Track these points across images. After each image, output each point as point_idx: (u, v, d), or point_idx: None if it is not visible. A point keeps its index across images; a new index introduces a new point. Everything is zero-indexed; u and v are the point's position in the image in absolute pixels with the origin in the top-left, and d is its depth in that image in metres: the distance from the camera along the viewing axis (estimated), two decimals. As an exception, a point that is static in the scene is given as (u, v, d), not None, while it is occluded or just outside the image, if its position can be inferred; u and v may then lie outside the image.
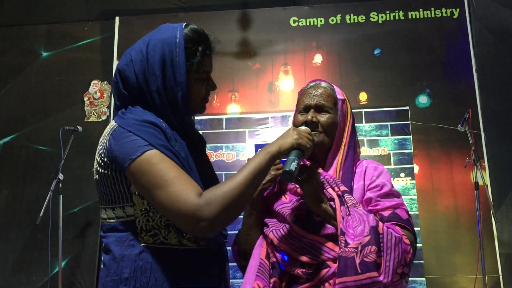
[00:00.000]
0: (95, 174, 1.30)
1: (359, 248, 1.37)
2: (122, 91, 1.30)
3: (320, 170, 1.58)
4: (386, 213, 1.51)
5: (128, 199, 1.23)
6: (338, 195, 1.49)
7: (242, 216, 1.63)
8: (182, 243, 1.24)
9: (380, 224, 1.43)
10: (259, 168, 1.21)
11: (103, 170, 1.25)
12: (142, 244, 1.22)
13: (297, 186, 1.55)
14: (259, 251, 1.55)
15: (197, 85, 1.33)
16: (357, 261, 1.35)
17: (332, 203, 1.49)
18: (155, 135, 1.20)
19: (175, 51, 1.27)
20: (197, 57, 1.30)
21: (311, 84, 1.71)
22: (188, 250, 1.24)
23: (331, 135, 1.61)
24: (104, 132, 1.29)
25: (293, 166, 1.28)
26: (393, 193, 1.57)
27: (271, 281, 1.47)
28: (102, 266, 1.27)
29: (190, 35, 1.31)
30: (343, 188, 1.52)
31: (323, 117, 1.61)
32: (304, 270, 1.47)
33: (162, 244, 1.22)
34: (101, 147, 1.27)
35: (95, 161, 1.29)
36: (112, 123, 1.28)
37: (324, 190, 1.53)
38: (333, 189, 1.52)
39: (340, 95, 1.67)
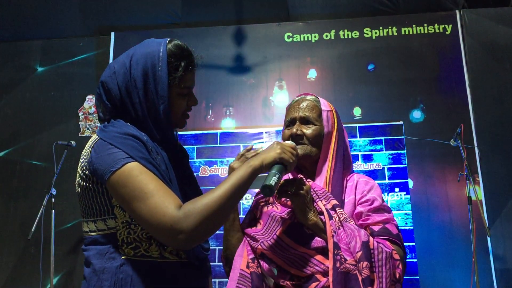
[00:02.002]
0: (77, 187, 1.30)
1: (357, 264, 1.38)
2: (105, 103, 1.31)
3: (311, 183, 1.58)
4: (376, 228, 1.52)
5: (109, 212, 1.23)
6: (327, 209, 1.48)
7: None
8: (163, 255, 1.23)
9: (371, 239, 1.43)
10: (241, 181, 1.21)
11: (84, 183, 1.25)
12: (123, 257, 1.21)
13: (288, 199, 1.55)
14: (239, 261, 1.54)
15: (178, 100, 1.34)
16: (360, 277, 1.37)
17: (322, 217, 1.49)
18: (136, 148, 1.20)
19: (158, 65, 1.28)
20: (179, 72, 1.31)
21: (297, 98, 1.73)
22: (169, 263, 1.24)
23: (318, 146, 1.62)
24: (86, 145, 1.30)
25: (273, 180, 1.27)
26: (383, 208, 1.57)
27: None
28: (82, 279, 1.26)
29: (173, 50, 1.32)
30: (334, 202, 1.52)
31: (308, 130, 1.62)
32: (293, 282, 1.47)
33: (143, 256, 1.22)
34: (83, 160, 1.28)
35: (77, 174, 1.29)
36: (94, 136, 1.29)
37: (314, 203, 1.52)
38: (322, 202, 1.51)
39: (325, 106, 1.69)
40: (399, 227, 1.59)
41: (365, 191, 1.59)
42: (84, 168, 1.25)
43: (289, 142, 1.46)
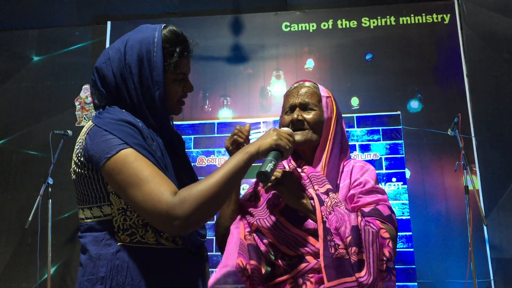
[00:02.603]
0: (72, 174, 1.29)
1: (347, 249, 1.39)
2: (100, 89, 1.30)
3: (307, 168, 1.59)
4: (367, 209, 1.52)
5: (105, 198, 1.23)
6: (317, 195, 1.49)
7: None
8: (159, 242, 1.23)
9: (360, 221, 1.43)
10: (237, 167, 1.22)
11: (79, 170, 1.24)
12: (119, 243, 1.21)
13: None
14: (237, 231, 1.56)
15: (174, 86, 1.33)
16: (352, 261, 1.38)
17: (312, 201, 1.50)
18: (131, 134, 1.20)
19: (153, 51, 1.27)
20: (174, 57, 1.30)
21: (295, 85, 1.73)
22: (166, 249, 1.24)
23: (318, 132, 1.63)
24: (81, 132, 1.29)
25: (269, 167, 1.28)
26: (376, 190, 1.57)
27: (251, 263, 1.48)
28: (79, 266, 1.25)
29: (168, 36, 1.31)
30: (328, 186, 1.52)
31: (309, 115, 1.63)
32: (284, 262, 1.49)
33: (139, 243, 1.21)
34: (78, 146, 1.27)
35: (72, 161, 1.29)
36: (89, 123, 1.28)
37: (306, 189, 1.54)
38: (314, 187, 1.52)
39: (324, 92, 1.69)
40: (396, 216, 1.59)
41: (359, 174, 1.60)
42: (79, 154, 1.24)
43: (285, 129, 1.46)
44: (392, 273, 1.44)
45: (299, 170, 1.59)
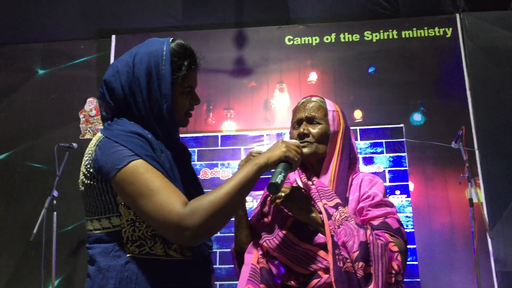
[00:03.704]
0: (81, 186, 1.30)
1: (353, 264, 1.40)
2: (108, 102, 1.31)
3: (316, 181, 1.61)
4: (376, 222, 1.54)
5: (114, 210, 1.23)
6: (326, 209, 1.50)
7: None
8: (168, 254, 1.24)
9: (369, 235, 1.44)
10: (246, 179, 1.22)
11: (89, 181, 1.25)
12: (128, 255, 1.21)
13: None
14: (250, 257, 1.57)
15: (181, 99, 1.35)
16: (359, 276, 1.39)
17: (321, 215, 1.51)
18: (141, 146, 1.21)
19: (161, 64, 1.29)
20: (182, 71, 1.32)
21: (303, 100, 1.78)
22: (174, 261, 1.24)
23: (324, 144, 1.66)
24: (90, 144, 1.30)
25: (279, 178, 1.29)
26: (385, 203, 1.59)
27: (261, 286, 1.49)
28: (87, 277, 1.26)
29: (177, 49, 1.33)
30: (336, 200, 1.54)
31: (315, 129, 1.67)
32: (298, 281, 1.49)
33: (148, 254, 1.22)
34: (87, 158, 1.28)
35: (81, 173, 1.30)
36: (99, 134, 1.29)
37: (314, 203, 1.55)
38: (322, 201, 1.53)
39: (331, 106, 1.73)
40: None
41: (367, 188, 1.62)
42: (88, 166, 1.25)
43: (293, 141, 1.48)
44: (402, 286, 1.44)
45: (310, 183, 1.61)
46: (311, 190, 1.58)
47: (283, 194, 1.54)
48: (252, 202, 3.75)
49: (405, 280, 1.51)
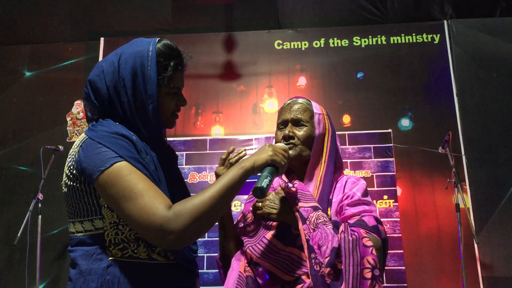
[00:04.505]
0: (63, 187, 1.28)
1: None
2: (93, 102, 1.29)
3: (297, 184, 1.59)
4: (351, 221, 1.53)
5: (97, 212, 1.21)
6: (300, 213, 1.50)
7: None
8: (151, 257, 1.22)
9: (341, 232, 1.44)
10: (232, 183, 1.21)
11: (71, 183, 1.23)
12: (110, 258, 1.19)
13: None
14: (237, 264, 1.56)
15: (167, 100, 1.33)
16: (327, 281, 1.38)
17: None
18: (125, 147, 1.19)
19: (147, 64, 1.27)
20: (168, 71, 1.30)
21: (289, 101, 1.76)
22: (157, 264, 1.22)
23: (309, 147, 1.64)
24: (74, 144, 1.28)
25: (265, 182, 1.28)
26: (363, 202, 1.58)
27: None
28: (68, 281, 1.24)
29: (163, 50, 1.31)
30: (313, 204, 1.53)
31: (300, 131, 1.65)
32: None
33: (130, 258, 1.20)
34: (70, 159, 1.26)
35: (64, 174, 1.27)
36: (82, 135, 1.27)
37: (291, 206, 1.55)
38: (298, 205, 1.53)
39: (317, 109, 1.71)
40: (387, 233, 1.59)
41: (348, 189, 1.61)
42: (71, 167, 1.23)
43: (280, 144, 1.47)
44: (379, 280, 1.42)
45: (290, 185, 1.59)
46: (290, 194, 1.57)
47: (260, 204, 1.56)
48: (241, 206, 3.74)
49: (392, 285, 1.50)
